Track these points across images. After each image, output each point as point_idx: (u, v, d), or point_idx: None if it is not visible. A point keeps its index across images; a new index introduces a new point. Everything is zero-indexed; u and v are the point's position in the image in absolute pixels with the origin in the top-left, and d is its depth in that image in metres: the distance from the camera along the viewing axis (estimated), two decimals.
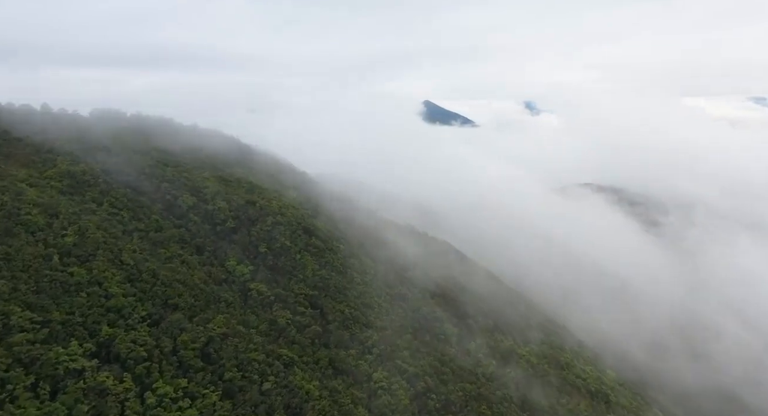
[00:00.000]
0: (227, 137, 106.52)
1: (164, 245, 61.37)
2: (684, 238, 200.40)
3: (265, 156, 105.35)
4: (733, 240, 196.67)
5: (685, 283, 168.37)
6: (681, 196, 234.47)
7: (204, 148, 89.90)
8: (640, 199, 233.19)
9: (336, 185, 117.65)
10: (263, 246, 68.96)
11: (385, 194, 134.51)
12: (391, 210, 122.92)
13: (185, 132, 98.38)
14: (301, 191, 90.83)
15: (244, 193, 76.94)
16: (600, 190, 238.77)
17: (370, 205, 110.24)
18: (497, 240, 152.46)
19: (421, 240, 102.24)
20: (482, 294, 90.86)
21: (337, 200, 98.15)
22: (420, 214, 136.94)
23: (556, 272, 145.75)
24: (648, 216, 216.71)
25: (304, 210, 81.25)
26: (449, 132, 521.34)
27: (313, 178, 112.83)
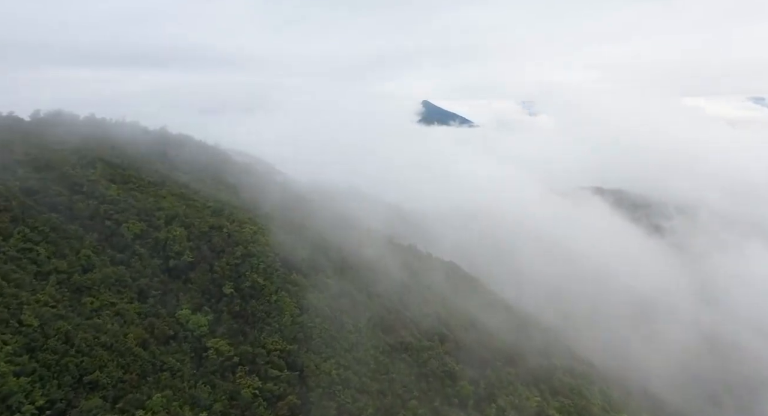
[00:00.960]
0: (200, 144, 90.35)
1: (92, 291, 45.76)
2: (690, 245, 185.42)
3: (246, 165, 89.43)
4: (741, 246, 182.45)
5: (700, 295, 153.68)
6: (683, 199, 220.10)
7: (169, 158, 74.06)
8: (642, 201, 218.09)
9: (327, 195, 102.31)
10: (229, 287, 53.27)
11: (378, 203, 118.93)
12: (386, 223, 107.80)
13: (148, 139, 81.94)
14: (283, 207, 75.00)
15: (209, 214, 61.19)
16: (601, 192, 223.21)
17: (363, 219, 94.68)
18: (495, 246, 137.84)
19: (421, 262, 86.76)
20: (495, 329, 75.52)
21: (327, 215, 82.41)
22: (414, 224, 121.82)
23: (560, 281, 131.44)
24: (651, 221, 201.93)
25: (285, 233, 65.49)
26: (447, 133, 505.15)
27: (301, 188, 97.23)
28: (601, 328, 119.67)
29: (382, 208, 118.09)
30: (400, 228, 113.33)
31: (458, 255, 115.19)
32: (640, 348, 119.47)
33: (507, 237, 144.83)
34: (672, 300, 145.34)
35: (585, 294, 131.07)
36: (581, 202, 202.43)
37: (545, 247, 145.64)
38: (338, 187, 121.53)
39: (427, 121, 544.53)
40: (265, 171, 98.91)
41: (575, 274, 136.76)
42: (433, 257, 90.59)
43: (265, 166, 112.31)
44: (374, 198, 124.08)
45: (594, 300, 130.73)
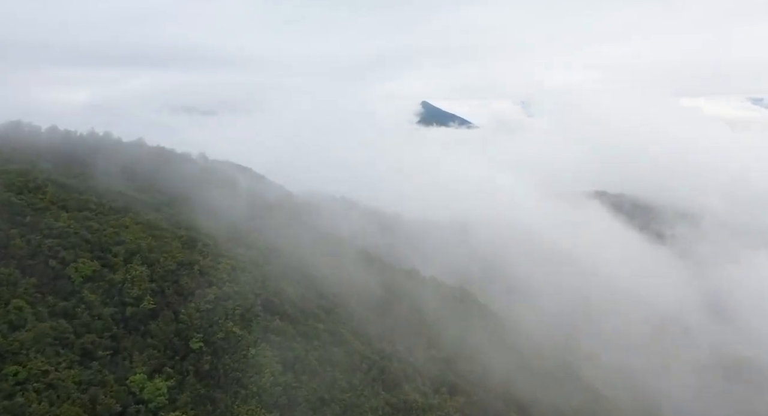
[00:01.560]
0: (181, 157, 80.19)
1: (20, 357, 36.19)
2: (695, 253, 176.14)
3: (232, 180, 79.61)
4: (749, 256, 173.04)
5: (711, 310, 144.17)
6: (685, 205, 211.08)
7: (141, 176, 64.33)
8: (644, 207, 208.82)
9: (318, 210, 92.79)
10: (197, 340, 43.66)
11: (373, 215, 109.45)
12: (382, 239, 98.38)
13: (119, 153, 71.32)
14: (270, 230, 65.36)
15: (178, 247, 51.57)
16: (602, 197, 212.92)
17: (357, 237, 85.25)
18: (495, 258, 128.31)
19: (426, 289, 77.23)
20: (507, 370, 66.14)
21: (319, 237, 72.83)
22: (411, 236, 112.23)
23: (564, 297, 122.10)
24: (654, 228, 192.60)
25: (269, 266, 55.94)
26: (446, 134, 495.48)
27: (292, 204, 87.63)
28: (612, 350, 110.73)
29: (376, 221, 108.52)
30: (396, 243, 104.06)
31: (457, 268, 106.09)
32: (656, 374, 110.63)
33: (507, 248, 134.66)
34: (682, 317, 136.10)
35: (591, 312, 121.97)
36: (583, 208, 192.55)
37: (548, 258, 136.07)
38: (331, 198, 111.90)
39: (426, 122, 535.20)
40: (254, 185, 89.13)
41: (579, 289, 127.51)
42: (438, 282, 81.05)
43: (255, 177, 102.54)
44: (369, 210, 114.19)
45: (601, 318, 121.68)
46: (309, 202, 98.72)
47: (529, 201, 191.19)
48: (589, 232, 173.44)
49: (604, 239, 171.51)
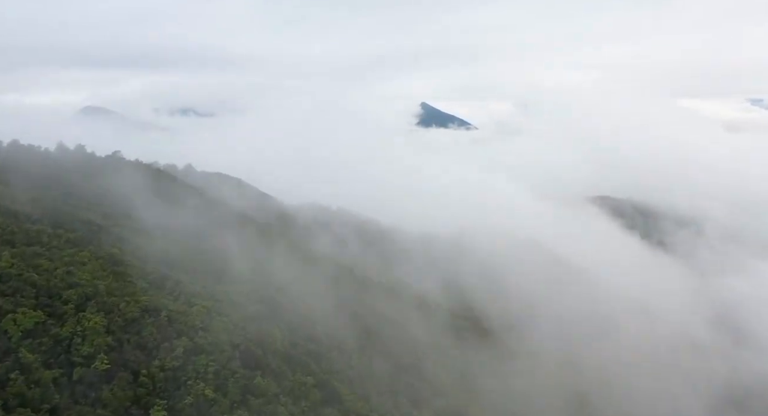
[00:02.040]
0: (162, 174, 71.76)
1: None
2: (699, 262, 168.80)
3: (217, 201, 71.42)
4: (755, 266, 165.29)
5: (723, 326, 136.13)
6: (685, 210, 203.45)
7: (109, 199, 56.23)
8: (644, 212, 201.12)
9: (311, 227, 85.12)
10: (159, 409, 35.92)
11: (371, 232, 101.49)
12: (382, 261, 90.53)
13: (89, 172, 62.50)
14: (248, 258, 57.32)
15: (144, 289, 43.68)
16: (602, 202, 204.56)
17: (358, 262, 77.45)
18: (496, 273, 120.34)
19: (435, 319, 69.53)
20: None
21: (310, 261, 64.97)
22: (409, 252, 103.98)
23: (569, 316, 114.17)
24: (655, 235, 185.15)
25: (248, 303, 48.21)
26: (445, 136, 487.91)
27: (283, 222, 79.74)
28: (624, 375, 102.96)
29: (373, 236, 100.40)
30: (394, 258, 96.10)
31: (456, 284, 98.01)
32: (671, 399, 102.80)
33: (508, 259, 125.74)
34: (692, 333, 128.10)
35: (599, 330, 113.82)
36: (584, 214, 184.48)
37: (551, 269, 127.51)
38: (326, 211, 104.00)
39: (426, 124, 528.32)
40: (242, 200, 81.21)
41: (585, 303, 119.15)
42: (442, 309, 73.26)
43: (247, 189, 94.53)
44: (366, 222, 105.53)
45: (609, 335, 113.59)
46: (299, 216, 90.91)
47: (529, 207, 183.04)
48: (591, 240, 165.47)
49: (607, 248, 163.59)
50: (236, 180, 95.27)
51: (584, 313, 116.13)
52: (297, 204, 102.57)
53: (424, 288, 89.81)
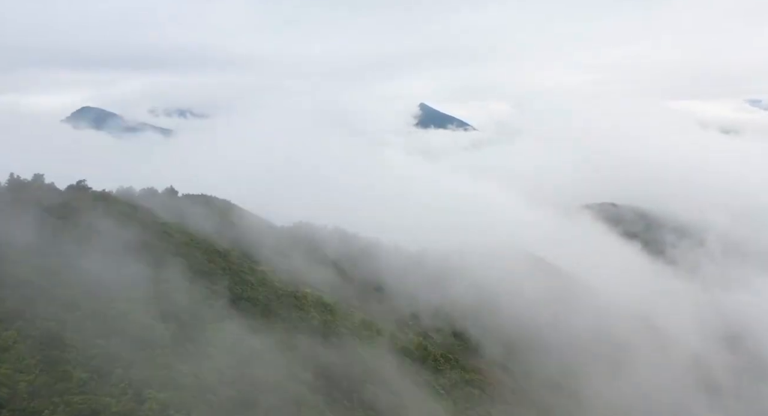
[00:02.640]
0: (130, 214, 61.58)
1: None
2: (701, 275, 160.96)
3: (189, 233, 62.51)
4: (761, 280, 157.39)
5: (735, 348, 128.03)
6: (686, 218, 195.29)
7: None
8: (644, 220, 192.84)
9: (308, 251, 76.86)
10: None
11: (365, 250, 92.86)
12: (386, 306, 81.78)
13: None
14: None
15: (82, 380, 35.17)
16: (604, 211, 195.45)
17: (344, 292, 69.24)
18: (495, 288, 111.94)
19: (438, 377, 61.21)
20: None
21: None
22: (404, 272, 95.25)
23: (577, 328, 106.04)
24: (656, 244, 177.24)
25: (225, 386, 39.66)
26: (444, 137, 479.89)
27: (273, 252, 71.42)
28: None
29: (375, 259, 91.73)
30: (390, 283, 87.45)
31: (454, 310, 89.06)
32: None
33: (503, 278, 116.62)
34: (707, 355, 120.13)
35: (606, 358, 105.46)
36: (585, 225, 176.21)
37: (555, 286, 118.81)
38: (321, 230, 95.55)
39: (424, 125, 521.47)
40: (233, 232, 72.70)
41: (588, 329, 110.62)
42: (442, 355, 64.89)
43: (236, 213, 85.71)
44: (367, 243, 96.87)
45: (622, 359, 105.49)
46: (290, 241, 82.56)
47: (527, 217, 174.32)
48: (593, 252, 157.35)
49: (609, 260, 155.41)
50: (224, 202, 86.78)
51: (590, 336, 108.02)
52: (288, 224, 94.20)
53: (419, 311, 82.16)
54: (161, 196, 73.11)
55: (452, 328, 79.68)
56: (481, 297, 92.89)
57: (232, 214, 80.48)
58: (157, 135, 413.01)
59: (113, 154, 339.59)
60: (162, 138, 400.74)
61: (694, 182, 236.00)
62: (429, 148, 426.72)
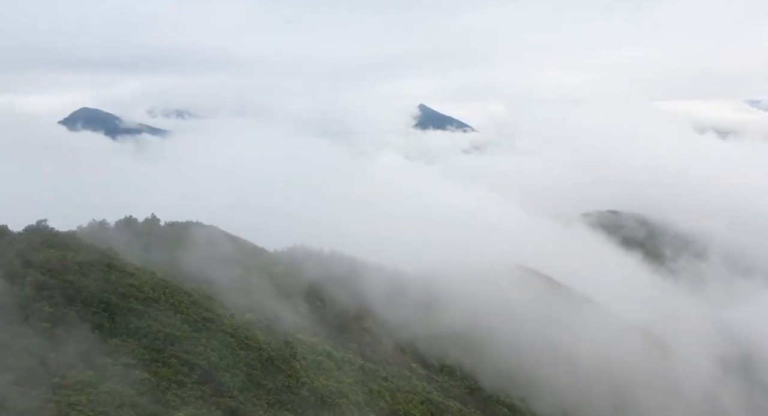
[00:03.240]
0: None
1: None
2: (704, 288, 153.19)
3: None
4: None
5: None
6: (686, 227, 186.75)
7: None
8: (644, 228, 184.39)
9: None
10: None
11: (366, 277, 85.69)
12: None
13: None
14: None
15: None
16: (603, 219, 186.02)
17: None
18: (499, 309, 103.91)
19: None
20: None
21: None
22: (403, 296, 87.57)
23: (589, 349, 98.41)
24: (656, 254, 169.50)
25: None
26: (442, 139, 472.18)
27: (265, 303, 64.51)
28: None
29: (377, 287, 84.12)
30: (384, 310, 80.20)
31: (454, 340, 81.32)
32: None
33: (498, 294, 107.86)
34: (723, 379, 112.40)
35: (615, 381, 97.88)
36: (583, 235, 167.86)
37: (549, 307, 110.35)
38: (317, 255, 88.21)
39: (423, 126, 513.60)
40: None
41: (593, 351, 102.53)
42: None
43: (221, 241, 77.85)
44: (348, 268, 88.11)
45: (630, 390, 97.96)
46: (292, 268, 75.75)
47: (522, 226, 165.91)
48: (591, 263, 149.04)
49: (609, 271, 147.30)
50: (212, 230, 79.10)
51: (596, 359, 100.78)
52: (281, 248, 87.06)
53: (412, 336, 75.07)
54: (139, 226, 65.96)
55: (441, 362, 72.51)
56: (475, 323, 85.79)
57: (215, 241, 73.24)
58: (154, 137, 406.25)
59: (107, 156, 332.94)
60: (159, 140, 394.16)
61: (695, 187, 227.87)
62: (427, 149, 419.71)
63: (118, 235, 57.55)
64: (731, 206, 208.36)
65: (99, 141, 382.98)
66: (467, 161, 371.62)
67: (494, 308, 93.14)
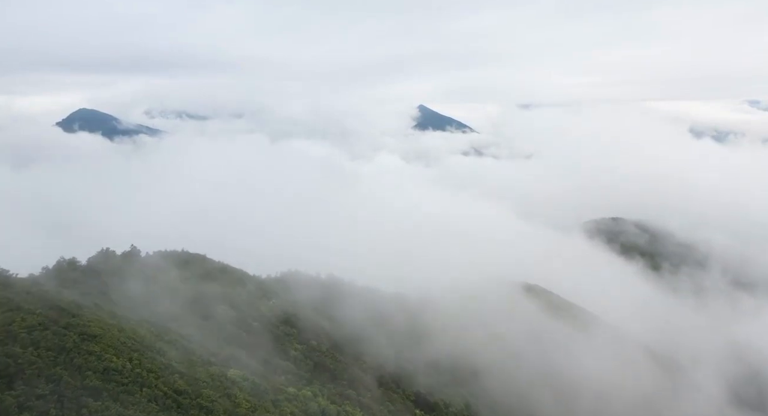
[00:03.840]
0: None
1: None
2: (707, 302, 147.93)
3: None
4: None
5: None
6: (688, 234, 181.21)
7: None
8: (644, 237, 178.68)
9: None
10: None
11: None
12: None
13: None
14: None
15: None
16: (603, 228, 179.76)
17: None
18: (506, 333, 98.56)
19: None
20: None
21: None
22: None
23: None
24: (659, 266, 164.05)
25: None
26: (441, 140, 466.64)
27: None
28: None
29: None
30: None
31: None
32: None
33: (494, 311, 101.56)
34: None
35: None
36: (583, 245, 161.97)
37: (551, 328, 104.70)
38: (312, 280, 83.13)
39: (422, 127, 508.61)
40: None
41: (600, 375, 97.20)
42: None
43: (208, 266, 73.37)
44: (331, 291, 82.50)
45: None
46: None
47: (520, 237, 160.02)
48: (592, 276, 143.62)
49: (610, 284, 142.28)
50: (199, 258, 74.27)
51: (601, 384, 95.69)
52: (276, 274, 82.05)
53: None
54: (117, 259, 61.25)
55: (433, 396, 67.11)
56: (469, 351, 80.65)
57: (193, 265, 68.89)
58: (151, 138, 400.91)
59: (103, 158, 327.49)
60: (156, 141, 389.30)
61: (695, 194, 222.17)
62: (426, 150, 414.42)
63: (86, 278, 52.89)
64: (732, 214, 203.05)
65: (96, 142, 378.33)
66: (465, 164, 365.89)
67: (489, 332, 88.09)
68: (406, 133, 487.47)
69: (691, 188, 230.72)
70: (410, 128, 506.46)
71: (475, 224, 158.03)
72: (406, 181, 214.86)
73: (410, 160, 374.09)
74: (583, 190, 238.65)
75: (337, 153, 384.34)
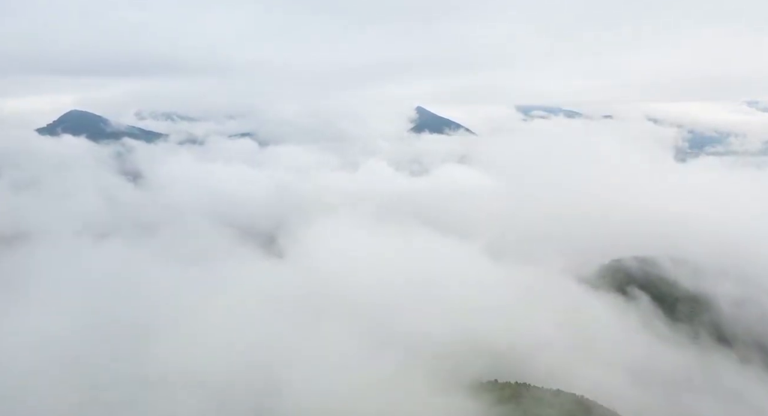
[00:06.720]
0: None
1: None
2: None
3: None
4: None
5: None
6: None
7: None
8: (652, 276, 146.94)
9: None
10: None
11: None
12: None
13: None
14: None
15: None
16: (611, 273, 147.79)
17: None
18: None
19: None
20: None
21: None
22: None
23: None
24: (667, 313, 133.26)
25: None
26: (438, 144, 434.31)
27: None
28: None
29: None
30: None
31: None
32: None
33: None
34: None
35: None
36: (590, 298, 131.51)
37: None
38: None
39: (419, 130, 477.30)
40: None
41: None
42: None
43: None
44: None
45: None
46: None
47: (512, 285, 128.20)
48: (598, 332, 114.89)
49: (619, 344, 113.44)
50: None
51: None
52: None
53: None
54: None
55: None
56: None
57: None
58: (138, 142, 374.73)
59: (90, 163, 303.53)
60: (144, 144, 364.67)
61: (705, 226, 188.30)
62: (419, 156, 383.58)
63: None
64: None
65: (79, 146, 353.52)
66: (460, 173, 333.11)
67: None
68: (402, 136, 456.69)
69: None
70: (407, 131, 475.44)
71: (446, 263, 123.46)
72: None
73: (401, 167, 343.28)
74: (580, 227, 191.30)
75: (326, 159, 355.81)
